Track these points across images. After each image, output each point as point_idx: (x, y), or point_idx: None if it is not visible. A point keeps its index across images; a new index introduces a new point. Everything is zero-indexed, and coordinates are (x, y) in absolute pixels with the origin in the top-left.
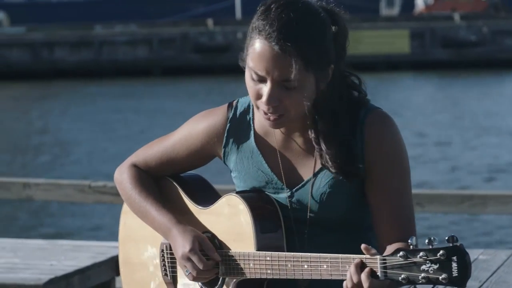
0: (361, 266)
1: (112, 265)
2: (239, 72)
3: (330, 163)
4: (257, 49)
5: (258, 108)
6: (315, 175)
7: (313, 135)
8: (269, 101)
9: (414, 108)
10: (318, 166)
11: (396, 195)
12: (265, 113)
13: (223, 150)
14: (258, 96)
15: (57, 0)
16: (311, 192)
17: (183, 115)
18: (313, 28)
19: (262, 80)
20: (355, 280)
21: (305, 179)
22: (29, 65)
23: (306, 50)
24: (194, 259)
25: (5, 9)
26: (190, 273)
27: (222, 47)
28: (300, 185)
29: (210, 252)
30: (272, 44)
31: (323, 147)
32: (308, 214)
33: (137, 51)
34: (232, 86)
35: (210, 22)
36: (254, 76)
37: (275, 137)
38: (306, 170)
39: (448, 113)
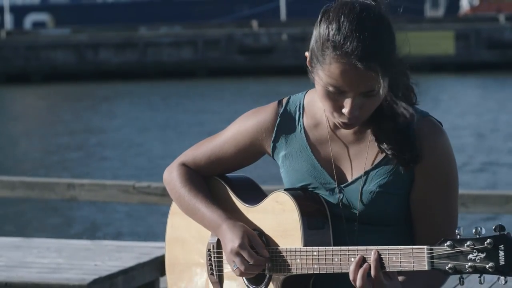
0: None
1: (156, 265)
2: (284, 73)
3: (387, 146)
4: (337, 67)
5: (333, 116)
6: (366, 173)
7: (371, 121)
8: (352, 112)
9: (460, 109)
10: (369, 165)
11: (441, 210)
12: (341, 121)
13: (272, 145)
14: (337, 108)
15: (101, 1)
16: (361, 190)
17: (228, 116)
18: (387, 36)
19: (341, 93)
20: (351, 277)
21: (355, 176)
22: (74, 66)
23: (386, 60)
24: (244, 253)
25: (49, 11)
26: (237, 267)
27: (267, 48)
28: (349, 182)
29: (259, 248)
30: (355, 62)
31: (382, 132)
32: (356, 211)
33: (182, 53)
34: (277, 87)
35: (255, 23)
36: (333, 90)
37: (325, 132)
38: (356, 167)
39: (493, 114)
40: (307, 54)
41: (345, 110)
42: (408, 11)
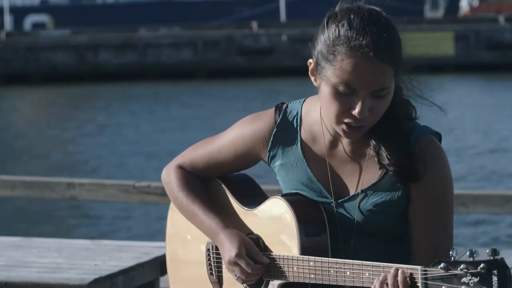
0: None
1: (156, 265)
2: (284, 74)
3: (389, 161)
4: (349, 62)
5: (339, 122)
6: (363, 191)
7: (372, 137)
8: (363, 113)
9: (460, 109)
10: (366, 184)
11: (438, 226)
12: (347, 125)
13: (267, 154)
14: (345, 110)
15: (101, 2)
16: (357, 208)
17: (227, 117)
18: (396, 35)
19: (351, 93)
20: None
21: (352, 192)
22: (74, 67)
23: (398, 55)
24: (242, 263)
25: (49, 12)
26: (239, 277)
27: (266, 49)
28: (346, 198)
29: (258, 256)
30: (369, 54)
31: (382, 147)
32: (352, 225)
33: (182, 54)
34: (277, 88)
35: (254, 24)
36: (343, 90)
37: (323, 146)
38: (353, 183)
39: (493, 115)
40: (310, 61)
41: (355, 111)
42: (408, 12)
